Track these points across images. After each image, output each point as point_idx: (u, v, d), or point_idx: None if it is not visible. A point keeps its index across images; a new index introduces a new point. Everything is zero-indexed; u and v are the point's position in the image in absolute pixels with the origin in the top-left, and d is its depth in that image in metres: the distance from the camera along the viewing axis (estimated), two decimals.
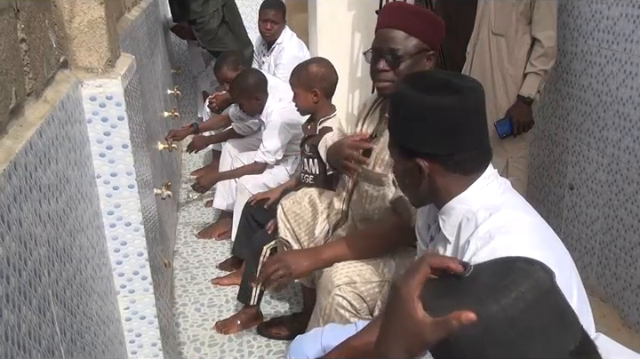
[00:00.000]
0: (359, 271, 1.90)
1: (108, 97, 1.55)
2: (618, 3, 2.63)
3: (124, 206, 1.65)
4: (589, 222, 2.92)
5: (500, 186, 1.34)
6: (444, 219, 1.35)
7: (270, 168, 3.25)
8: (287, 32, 4.22)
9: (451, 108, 1.27)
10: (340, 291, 1.84)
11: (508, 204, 1.30)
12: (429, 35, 1.88)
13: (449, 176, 1.31)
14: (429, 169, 1.30)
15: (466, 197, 1.31)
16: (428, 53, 1.88)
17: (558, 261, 1.24)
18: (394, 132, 1.40)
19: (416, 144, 1.31)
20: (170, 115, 3.62)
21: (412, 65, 1.86)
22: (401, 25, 1.87)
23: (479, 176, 1.32)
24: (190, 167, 4.79)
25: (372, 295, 1.88)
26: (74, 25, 1.55)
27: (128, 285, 1.74)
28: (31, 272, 1.04)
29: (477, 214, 1.27)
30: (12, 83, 1.11)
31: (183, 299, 3.02)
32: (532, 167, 3.37)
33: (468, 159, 1.30)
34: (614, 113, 2.70)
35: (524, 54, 2.91)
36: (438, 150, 1.29)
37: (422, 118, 1.28)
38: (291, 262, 1.92)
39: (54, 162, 1.25)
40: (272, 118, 3.22)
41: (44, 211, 1.15)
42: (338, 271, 1.89)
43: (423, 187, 1.34)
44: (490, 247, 1.19)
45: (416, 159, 1.31)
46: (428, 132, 1.29)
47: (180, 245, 3.56)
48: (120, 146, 1.59)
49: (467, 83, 1.32)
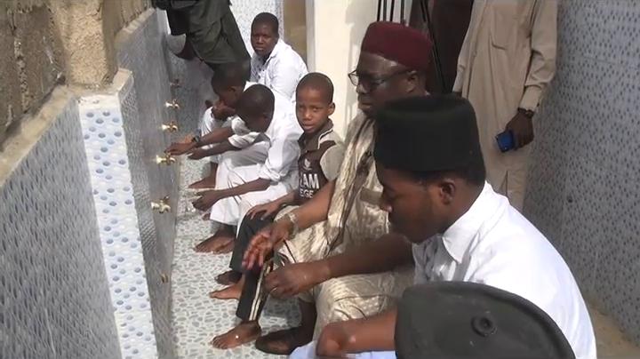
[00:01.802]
0: (358, 285, 1.90)
1: (105, 113, 1.55)
2: (614, 17, 2.64)
3: (122, 222, 1.65)
4: (588, 234, 2.92)
5: (499, 202, 1.33)
6: (449, 240, 1.33)
7: (274, 184, 3.24)
8: (281, 45, 4.23)
9: (463, 116, 1.28)
10: (340, 306, 1.84)
11: (507, 219, 1.30)
12: (409, 56, 1.87)
13: (467, 189, 1.29)
14: (457, 184, 1.27)
15: (470, 216, 1.30)
16: (408, 74, 1.87)
17: (559, 275, 1.24)
18: (404, 162, 1.29)
19: (438, 163, 1.26)
20: (168, 128, 3.62)
21: (389, 87, 1.86)
22: (379, 48, 1.88)
23: (482, 188, 1.32)
24: (188, 180, 4.78)
25: (372, 309, 1.88)
26: (71, 41, 1.55)
27: (125, 301, 1.73)
28: (27, 291, 1.03)
29: (480, 231, 1.27)
30: (9, 100, 1.10)
31: (181, 313, 3.00)
32: (531, 179, 3.37)
33: (479, 165, 1.31)
34: (612, 125, 2.70)
35: (525, 67, 2.91)
36: (464, 162, 1.28)
37: (442, 134, 1.25)
38: (291, 278, 1.93)
39: (51, 179, 1.25)
40: (279, 136, 3.20)
41: (40, 228, 1.14)
42: (337, 286, 1.89)
43: (440, 211, 1.29)
44: (492, 264, 1.19)
45: (443, 179, 1.27)
46: (453, 145, 1.26)
47: (178, 259, 3.55)
48: (117, 162, 1.59)
49: (453, 97, 1.34)
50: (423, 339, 0.77)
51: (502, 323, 0.78)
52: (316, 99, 2.66)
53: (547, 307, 1.16)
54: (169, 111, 4.15)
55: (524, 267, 1.20)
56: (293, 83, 4.07)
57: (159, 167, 2.96)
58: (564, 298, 1.22)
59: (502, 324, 0.78)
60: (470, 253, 1.26)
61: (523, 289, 1.13)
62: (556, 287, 1.20)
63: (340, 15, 3.93)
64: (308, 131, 2.74)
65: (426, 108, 1.29)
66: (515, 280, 1.15)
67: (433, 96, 1.39)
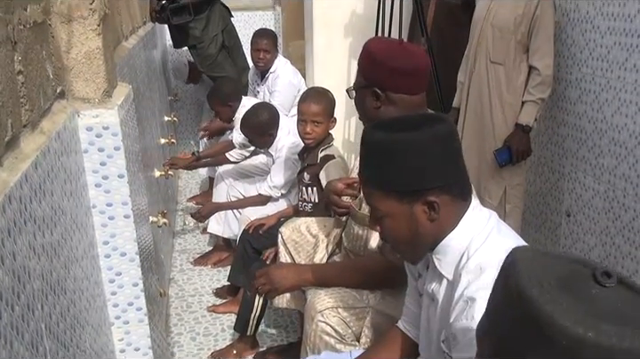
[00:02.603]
0: (342, 297, 1.90)
1: (104, 127, 1.55)
2: (611, 32, 2.66)
3: (120, 236, 1.65)
4: (587, 249, 2.92)
5: (488, 218, 1.33)
6: (439, 258, 1.33)
7: (274, 200, 3.24)
8: (281, 59, 4.25)
9: (444, 134, 1.29)
10: (323, 317, 1.84)
11: (496, 234, 1.30)
12: (367, 72, 1.88)
13: (452, 206, 1.29)
14: (441, 201, 1.27)
15: (458, 233, 1.30)
16: (370, 90, 1.85)
17: None
18: (388, 182, 1.30)
19: (421, 182, 1.27)
20: (167, 142, 3.62)
21: (358, 98, 1.91)
22: (358, 61, 1.95)
23: (469, 203, 1.32)
24: (187, 194, 4.78)
25: (357, 321, 1.87)
26: (71, 56, 1.56)
27: (123, 316, 1.72)
28: (24, 306, 1.02)
29: (469, 247, 1.27)
30: (9, 115, 1.11)
31: (179, 327, 2.99)
32: (529, 194, 3.37)
33: (465, 182, 1.32)
34: (610, 140, 2.71)
35: (522, 82, 2.92)
36: (447, 179, 1.28)
37: (428, 152, 1.26)
38: (277, 278, 1.99)
39: (49, 193, 1.24)
40: (282, 154, 3.19)
41: (38, 243, 1.14)
42: (321, 297, 1.90)
43: (428, 230, 1.29)
44: (482, 281, 1.19)
45: (426, 197, 1.27)
46: (436, 163, 1.27)
47: (175, 273, 3.54)
48: (116, 176, 1.59)
49: (435, 114, 1.34)
50: (549, 279, 0.77)
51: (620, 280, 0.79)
52: (318, 113, 2.67)
53: None
54: (168, 125, 4.16)
55: None
56: (292, 98, 4.08)
57: (157, 181, 2.96)
58: None
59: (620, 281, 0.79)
60: (460, 270, 1.26)
61: None
62: None
63: (338, 30, 3.94)
64: (309, 144, 2.74)
65: (406, 128, 1.29)
66: None
67: (413, 115, 1.40)
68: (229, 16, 4.66)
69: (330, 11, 3.95)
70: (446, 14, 3.62)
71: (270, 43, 4.12)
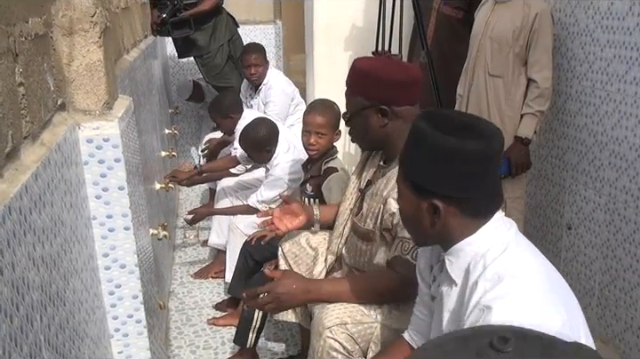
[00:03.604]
0: (350, 312, 1.88)
1: (104, 139, 1.55)
2: (611, 45, 2.67)
3: (120, 248, 1.64)
4: (588, 262, 2.91)
5: (508, 228, 1.33)
6: (451, 260, 1.33)
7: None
8: (273, 71, 4.28)
9: (475, 153, 1.26)
10: (332, 333, 1.82)
11: (515, 246, 1.29)
12: (369, 92, 1.89)
13: (463, 219, 1.30)
14: (445, 211, 1.28)
15: (475, 240, 1.30)
16: (374, 108, 1.89)
17: (565, 305, 1.23)
18: (409, 169, 1.36)
19: (435, 185, 1.29)
20: (167, 155, 3.62)
21: (356, 121, 1.94)
22: (348, 84, 1.97)
23: (486, 222, 1.32)
24: (187, 206, 4.77)
25: (364, 336, 1.86)
26: (72, 68, 1.56)
27: (122, 329, 1.71)
28: (23, 318, 1.02)
29: (486, 256, 1.26)
30: (9, 126, 1.11)
31: (178, 341, 2.97)
32: (530, 207, 3.37)
33: (483, 203, 1.31)
34: (610, 153, 2.71)
35: (521, 95, 2.93)
36: (457, 193, 1.28)
37: (445, 160, 1.26)
38: (283, 298, 1.91)
39: (49, 205, 1.24)
40: (275, 172, 3.18)
41: (37, 254, 1.14)
42: (329, 313, 1.87)
43: (434, 227, 1.31)
44: (499, 290, 1.18)
45: (433, 200, 1.29)
46: (450, 175, 1.27)
47: (175, 286, 3.53)
48: (116, 188, 1.59)
49: (489, 127, 1.31)
50: None
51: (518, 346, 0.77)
52: (322, 125, 2.67)
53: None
54: (168, 138, 4.16)
55: (531, 295, 1.19)
56: (286, 107, 4.11)
57: (158, 193, 2.96)
58: (570, 328, 1.21)
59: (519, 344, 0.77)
60: (477, 279, 1.25)
61: (528, 317, 1.12)
62: (562, 316, 1.19)
63: (339, 43, 3.96)
64: (313, 156, 2.74)
65: (448, 130, 1.27)
66: (521, 307, 1.14)
67: (470, 118, 1.37)
68: (235, 26, 4.67)
69: (330, 25, 3.98)
70: (447, 28, 3.64)
71: (260, 56, 4.15)
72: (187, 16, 4.27)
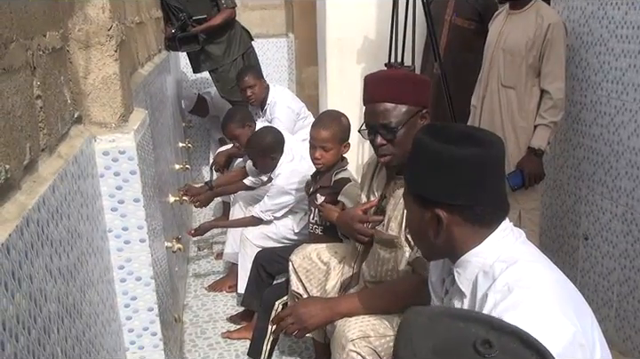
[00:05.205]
0: (373, 325, 1.86)
1: (120, 151, 1.56)
2: (625, 55, 2.66)
3: (135, 260, 1.65)
4: (606, 273, 2.87)
5: (517, 238, 1.32)
6: (459, 272, 1.33)
7: (277, 220, 3.22)
8: (276, 88, 4.27)
9: (474, 160, 1.26)
10: (355, 347, 1.81)
11: (524, 256, 1.28)
12: (415, 97, 1.88)
13: (467, 228, 1.29)
14: (448, 220, 1.28)
15: (482, 250, 1.29)
16: (420, 113, 1.89)
17: (578, 314, 1.22)
18: (412, 181, 1.36)
19: (436, 194, 1.29)
20: (181, 168, 3.64)
21: (407, 131, 1.85)
22: (387, 97, 1.88)
23: (496, 228, 1.30)
24: (201, 219, 4.78)
25: (387, 349, 1.84)
26: (89, 81, 1.57)
27: (137, 341, 1.71)
28: (40, 330, 1.02)
29: (494, 267, 1.25)
30: (27, 139, 1.12)
31: (193, 354, 2.96)
32: (545, 217, 3.34)
33: (487, 211, 1.30)
34: (627, 162, 2.68)
35: (534, 106, 2.92)
36: (459, 201, 1.28)
37: (445, 169, 1.27)
38: (305, 316, 1.91)
39: (66, 217, 1.25)
40: (277, 181, 3.17)
41: (54, 266, 1.14)
42: (351, 325, 1.86)
43: (439, 238, 1.31)
44: (509, 301, 1.17)
45: (435, 209, 1.29)
46: (450, 183, 1.27)
47: (190, 299, 3.53)
48: (132, 200, 1.60)
49: (488, 136, 1.31)
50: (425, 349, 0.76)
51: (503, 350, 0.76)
52: (327, 139, 2.64)
53: (565, 345, 1.13)
54: (182, 151, 4.18)
55: (543, 305, 1.18)
56: (292, 123, 4.09)
57: (172, 206, 2.97)
58: (585, 336, 1.20)
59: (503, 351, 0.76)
60: (487, 291, 1.24)
61: (541, 327, 1.11)
62: (575, 325, 1.18)
63: (351, 56, 3.97)
64: (319, 169, 2.73)
65: (449, 140, 1.28)
66: (532, 318, 1.13)
67: (469, 128, 1.38)
68: (250, 39, 4.68)
69: (343, 38, 3.99)
70: (459, 39, 3.64)
71: (251, 76, 4.12)
72: (196, 32, 4.29)
